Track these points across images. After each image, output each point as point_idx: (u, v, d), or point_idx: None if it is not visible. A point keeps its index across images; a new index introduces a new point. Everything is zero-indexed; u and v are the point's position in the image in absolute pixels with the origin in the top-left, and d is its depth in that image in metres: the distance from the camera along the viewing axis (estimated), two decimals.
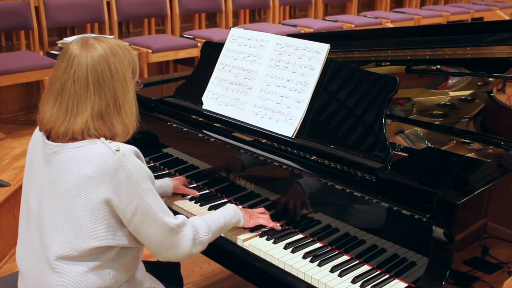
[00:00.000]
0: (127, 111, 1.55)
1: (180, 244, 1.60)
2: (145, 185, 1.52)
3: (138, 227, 1.53)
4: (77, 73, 1.48)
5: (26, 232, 1.62)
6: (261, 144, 1.98)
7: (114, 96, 1.51)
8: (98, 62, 1.49)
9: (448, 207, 1.47)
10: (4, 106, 4.84)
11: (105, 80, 1.49)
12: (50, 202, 1.53)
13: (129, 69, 1.55)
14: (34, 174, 1.60)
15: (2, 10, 4.63)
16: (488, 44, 2.48)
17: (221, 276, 2.87)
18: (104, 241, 1.51)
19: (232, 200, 2.05)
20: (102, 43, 1.52)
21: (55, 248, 1.51)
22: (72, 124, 1.49)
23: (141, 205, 1.51)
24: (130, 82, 1.56)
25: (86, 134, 1.50)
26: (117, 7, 5.37)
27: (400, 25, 6.86)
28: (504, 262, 1.78)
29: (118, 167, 1.47)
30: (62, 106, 1.50)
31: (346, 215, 1.75)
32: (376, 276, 1.64)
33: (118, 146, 1.50)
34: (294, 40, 2.05)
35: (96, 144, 1.49)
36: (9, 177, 3.09)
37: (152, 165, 2.35)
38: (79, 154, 1.49)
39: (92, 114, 1.49)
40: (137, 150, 1.56)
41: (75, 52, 1.50)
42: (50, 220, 1.52)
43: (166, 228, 1.55)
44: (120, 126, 1.53)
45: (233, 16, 6.30)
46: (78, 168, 1.48)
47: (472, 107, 2.54)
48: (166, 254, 1.61)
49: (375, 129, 1.78)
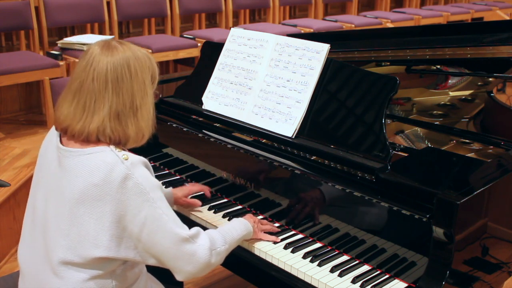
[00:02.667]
0: (144, 115, 1.54)
1: (197, 255, 1.52)
2: (154, 193, 1.48)
3: (150, 239, 1.48)
4: (97, 70, 1.48)
5: (31, 232, 1.61)
6: (261, 144, 1.98)
7: (132, 97, 1.50)
8: (119, 62, 1.49)
9: (448, 207, 1.47)
10: (4, 106, 4.84)
11: (124, 80, 1.49)
12: (56, 206, 1.51)
13: (149, 74, 1.55)
14: (43, 175, 1.59)
15: (2, 10, 4.63)
16: (488, 44, 2.49)
17: (221, 276, 2.86)
18: (107, 251, 1.48)
19: (232, 200, 2.05)
20: (124, 46, 1.53)
21: (59, 253, 1.50)
22: (88, 123, 1.48)
23: (151, 215, 1.47)
24: (149, 87, 1.55)
25: (101, 134, 1.48)
26: (117, 7, 5.37)
27: (400, 25, 6.85)
28: (504, 262, 1.78)
29: (126, 176, 1.45)
30: (79, 104, 1.49)
31: (346, 215, 1.75)
32: (376, 276, 1.64)
33: (127, 155, 1.48)
34: (294, 40, 2.05)
35: (105, 152, 1.48)
36: (9, 177, 3.09)
37: (152, 165, 2.34)
38: (87, 162, 1.47)
39: (110, 113, 1.48)
40: (146, 161, 1.54)
41: (96, 52, 1.51)
42: (55, 224, 1.51)
43: (179, 239, 1.49)
44: (134, 129, 1.52)
45: (233, 16, 6.30)
46: (85, 176, 1.46)
47: (472, 107, 2.54)
48: (185, 269, 1.53)
49: (375, 129, 1.78)
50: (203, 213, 1.98)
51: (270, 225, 1.87)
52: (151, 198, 1.47)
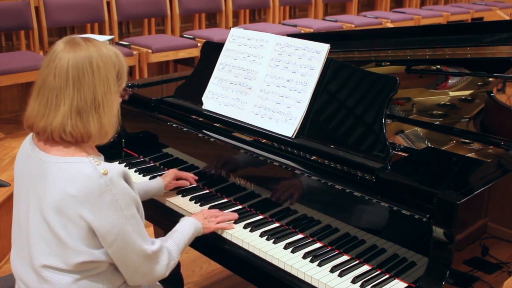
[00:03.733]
0: (106, 111, 1.51)
1: (155, 270, 1.59)
2: (128, 211, 1.49)
3: (116, 252, 1.51)
4: (58, 67, 1.48)
5: (17, 239, 1.62)
6: (261, 144, 1.98)
7: (94, 93, 1.48)
8: (80, 59, 1.48)
9: (448, 207, 1.47)
10: (4, 106, 4.84)
11: (85, 76, 1.47)
12: (36, 214, 1.51)
13: (114, 71, 1.53)
14: (22, 185, 1.59)
15: (2, 10, 4.63)
16: (488, 44, 2.48)
17: (221, 276, 2.87)
18: (89, 256, 1.49)
19: (233, 200, 2.05)
20: (88, 43, 1.51)
21: (42, 259, 1.50)
22: (51, 120, 1.47)
23: (122, 232, 1.48)
24: (113, 83, 1.53)
25: (62, 132, 1.47)
26: (117, 7, 5.37)
27: (400, 25, 6.86)
28: (504, 262, 1.78)
29: (104, 191, 1.44)
30: (42, 101, 1.49)
31: (346, 215, 1.75)
32: (376, 276, 1.64)
33: (106, 169, 1.46)
34: (294, 40, 2.05)
35: (84, 163, 1.47)
36: (9, 177, 3.09)
37: (152, 165, 2.35)
38: (65, 170, 1.46)
39: (70, 110, 1.47)
40: (126, 171, 1.53)
41: (59, 49, 1.50)
42: (37, 231, 1.51)
43: (143, 255, 1.55)
44: (96, 125, 1.50)
45: (233, 16, 6.30)
46: (63, 185, 1.45)
47: (472, 107, 2.54)
48: (139, 280, 1.60)
49: (375, 129, 1.78)
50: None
51: (225, 215, 1.90)
52: (124, 216, 1.48)
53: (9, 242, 1.69)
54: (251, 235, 1.85)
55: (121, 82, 1.57)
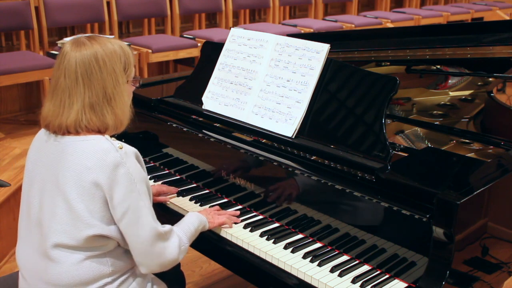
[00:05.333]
0: (118, 102, 1.60)
1: (168, 251, 1.62)
2: (141, 186, 1.56)
3: (128, 228, 1.55)
4: (67, 67, 1.56)
5: (26, 230, 1.65)
6: (261, 144, 1.98)
7: (104, 87, 1.56)
8: (86, 56, 1.55)
9: (448, 207, 1.47)
10: (4, 106, 4.84)
11: (93, 72, 1.55)
12: (51, 194, 1.57)
13: (120, 62, 1.60)
14: (37, 173, 1.63)
15: (2, 10, 4.63)
16: (488, 44, 2.48)
17: (221, 276, 2.87)
18: (100, 229, 1.54)
19: (232, 200, 2.05)
20: (93, 41, 1.59)
21: (52, 237, 1.55)
22: (65, 117, 1.55)
23: (134, 206, 1.54)
24: (121, 75, 1.60)
25: (78, 126, 1.56)
26: (117, 7, 5.37)
27: (400, 25, 6.86)
28: (504, 262, 1.78)
29: (119, 163, 1.52)
30: (57, 101, 1.57)
31: (346, 215, 1.75)
32: (376, 276, 1.64)
33: (121, 144, 1.56)
34: (294, 40, 2.05)
35: (100, 139, 1.56)
36: (9, 177, 3.09)
37: (152, 165, 2.35)
38: (82, 147, 1.54)
39: (84, 106, 1.55)
40: (138, 153, 1.62)
41: (67, 50, 1.58)
42: (50, 212, 1.56)
43: (155, 233, 1.57)
44: (111, 117, 1.58)
45: (233, 16, 6.30)
46: (80, 160, 1.53)
47: (472, 107, 2.54)
48: (153, 263, 1.61)
49: (375, 129, 1.79)
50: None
51: (227, 212, 1.94)
52: (137, 190, 1.55)
53: (9, 242, 1.69)
54: (251, 235, 1.85)
55: (129, 72, 1.66)
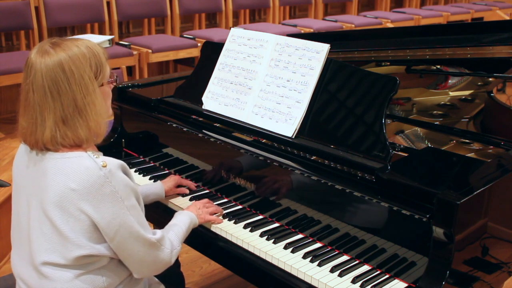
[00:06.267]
0: (90, 113, 1.50)
1: (160, 258, 1.61)
2: (128, 202, 1.51)
3: (120, 244, 1.52)
4: (34, 82, 1.48)
5: (18, 241, 1.63)
6: (261, 144, 1.98)
7: (74, 99, 1.48)
8: (52, 68, 1.46)
9: (448, 207, 1.47)
10: (4, 106, 4.84)
11: (60, 85, 1.47)
12: (38, 212, 1.52)
13: (89, 67, 1.50)
14: (22, 186, 1.60)
15: (2, 10, 4.63)
16: (488, 44, 2.48)
17: (221, 276, 2.87)
18: (90, 249, 1.50)
19: (232, 200, 2.05)
20: (57, 47, 1.49)
21: (43, 255, 1.51)
22: (40, 135, 1.49)
23: (124, 223, 1.50)
24: (91, 81, 1.51)
25: (55, 143, 1.49)
26: (117, 7, 5.37)
27: (400, 25, 6.86)
28: (504, 262, 1.78)
29: (103, 183, 1.46)
30: (28, 117, 1.50)
31: (346, 215, 1.75)
32: (376, 276, 1.64)
33: (105, 161, 1.48)
34: (294, 40, 2.05)
35: (83, 157, 1.48)
36: (9, 177, 3.09)
37: (152, 165, 2.35)
38: (64, 165, 1.48)
39: (56, 121, 1.48)
40: (124, 164, 1.55)
41: (32, 60, 1.49)
42: (38, 228, 1.52)
43: (148, 244, 1.56)
44: (84, 130, 1.50)
45: (233, 16, 6.30)
46: (63, 179, 1.46)
47: (472, 107, 2.54)
48: (147, 270, 1.62)
49: (375, 129, 1.78)
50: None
51: (215, 206, 1.95)
52: (125, 206, 1.50)
53: (9, 242, 1.69)
54: (251, 235, 1.85)
55: (103, 73, 1.55)
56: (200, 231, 1.89)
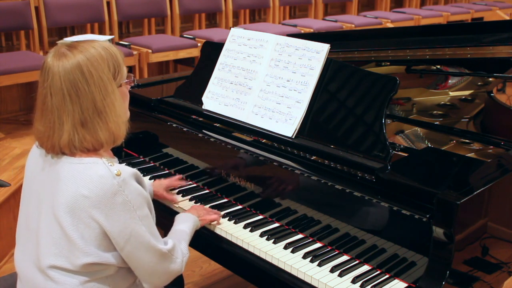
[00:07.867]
0: (110, 115, 1.49)
1: (171, 268, 1.60)
2: (141, 211, 1.50)
3: (131, 254, 1.51)
4: (52, 86, 1.46)
5: (24, 239, 1.61)
6: (261, 144, 1.98)
7: (93, 101, 1.46)
8: (70, 71, 1.45)
9: (448, 207, 1.47)
10: (4, 106, 4.83)
11: (79, 87, 1.45)
12: (48, 215, 1.51)
13: (107, 67, 1.49)
14: (34, 187, 1.59)
15: (2, 10, 4.63)
16: (488, 44, 2.48)
17: (221, 276, 2.87)
18: (98, 258, 1.49)
19: (232, 200, 2.05)
20: (74, 50, 1.48)
21: (51, 259, 1.50)
22: (57, 138, 1.47)
23: (135, 232, 1.48)
24: (110, 82, 1.49)
25: (72, 147, 1.47)
26: (117, 7, 5.37)
27: (400, 25, 6.86)
28: (504, 262, 1.78)
29: (116, 191, 1.44)
30: (46, 121, 1.48)
31: (346, 215, 1.75)
32: (376, 276, 1.64)
33: (119, 170, 1.46)
34: (294, 40, 2.05)
35: (97, 164, 1.47)
36: (9, 177, 3.09)
37: (152, 165, 2.35)
38: (79, 171, 1.46)
39: (74, 125, 1.46)
40: (138, 173, 1.53)
41: (49, 64, 1.48)
42: (47, 232, 1.51)
43: (159, 255, 1.55)
44: (104, 133, 1.49)
45: (233, 16, 6.30)
46: (75, 186, 1.45)
47: (472, 107, 2.54)
48: (158, 281, 1.60)
49: (375, 129, 1.78)
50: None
51: (214, 211, 1.94)
52: (137, 216, 1.48)
53: (9, 242, 1.69)
54: (251, 235, 1.85)
55: (121, 74, 1.54)
56: (200, 231, 1.88)
